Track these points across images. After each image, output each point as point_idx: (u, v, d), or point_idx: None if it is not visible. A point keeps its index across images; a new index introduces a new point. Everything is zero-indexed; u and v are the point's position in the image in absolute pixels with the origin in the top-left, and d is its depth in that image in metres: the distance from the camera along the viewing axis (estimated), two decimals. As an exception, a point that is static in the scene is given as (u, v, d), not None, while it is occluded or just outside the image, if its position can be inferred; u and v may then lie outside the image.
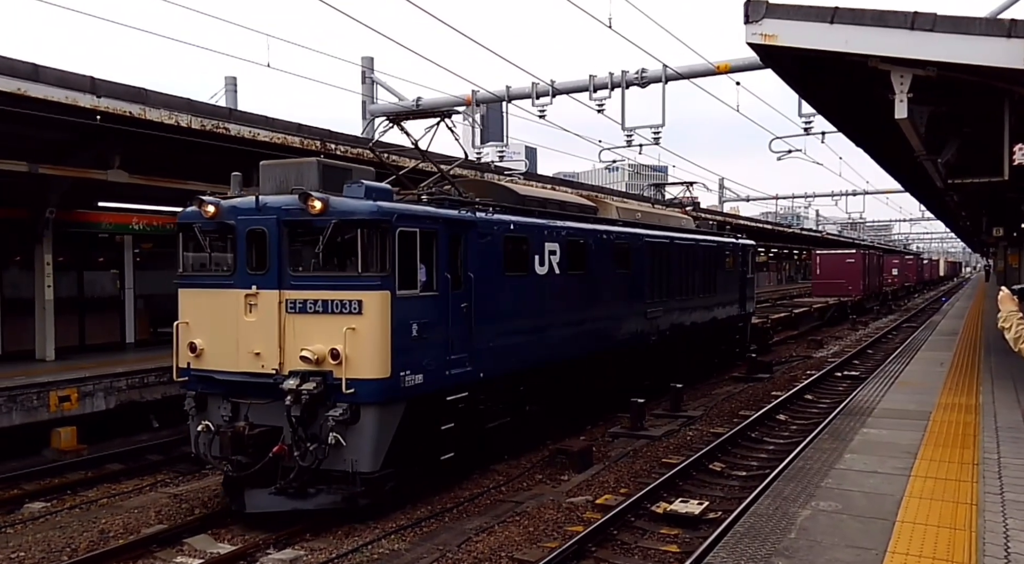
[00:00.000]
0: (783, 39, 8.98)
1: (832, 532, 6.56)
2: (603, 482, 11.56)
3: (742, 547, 6.23)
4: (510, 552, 8.75)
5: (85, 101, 12.99)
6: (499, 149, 30.03)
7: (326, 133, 18.66)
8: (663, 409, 16.57)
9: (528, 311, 12.66)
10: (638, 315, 16.71)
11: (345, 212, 9.51)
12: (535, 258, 12.82)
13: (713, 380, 21.30)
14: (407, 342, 9.80)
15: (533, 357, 12.86)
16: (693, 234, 20.39)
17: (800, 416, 16.26)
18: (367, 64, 24.89)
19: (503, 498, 10.93)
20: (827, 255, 47.50)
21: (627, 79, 20.21)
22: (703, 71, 19.83)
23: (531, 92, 21.36)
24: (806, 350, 28.94)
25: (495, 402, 11.98)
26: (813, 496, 7.55)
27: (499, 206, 12.42)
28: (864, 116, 12.64)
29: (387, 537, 9.34)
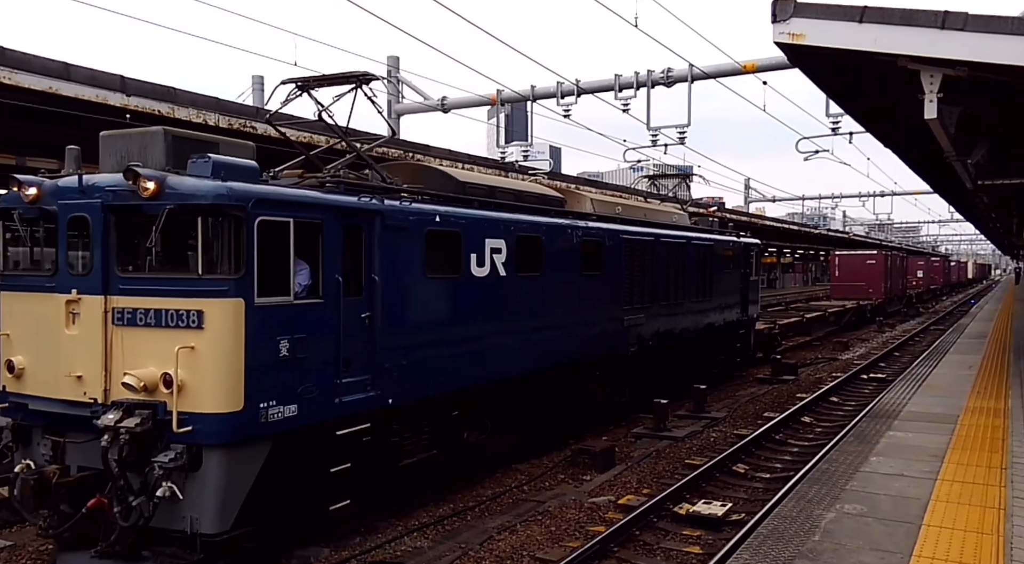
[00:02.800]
0: (811, 38, 8.91)
1: (857, 535, 6.51)
2: (625, 482, 11.54)
3: (765, 549, 6.21)
4: (532, 551, 8.77)
5: (115, 100, 13.17)
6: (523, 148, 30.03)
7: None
8: (686, 410, 16.49)
9: (461, 321, 10.58)
10: (612, 323, 14.51)
11: (183, 195, 7.44)
12: (471, 257, 10.66)
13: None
14: (271, 363, 7.75)
15: (469, 375, 10.76)
16: (685, 231, 18.15)
17: (825, 418, 16.12)
18: (393, 63, 24.99)
19: (525, 497, 10.94)
20: (846, 256, 45.39)
21: (653, 78, 20.14)
22: (729, 70, 19.71)
23: (556, 91, 21.34)
24: (831, 352, 28.68)
25: (416, 433, 10.02)
26: (838, 499, 7.51)
27: (427, 194, 10.45)
28: (892, 116, 12.51)
29: (409, 535, 9.39)
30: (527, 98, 22.21)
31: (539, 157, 33.70)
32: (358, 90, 9.65)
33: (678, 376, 17.50)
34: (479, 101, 23.85)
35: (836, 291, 43.74)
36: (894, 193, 54.47)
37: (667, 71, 20.10)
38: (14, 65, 11.98)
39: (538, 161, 30.28)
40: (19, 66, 12.02)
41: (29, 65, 12.19)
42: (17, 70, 11.93)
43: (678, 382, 17.26)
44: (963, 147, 11.49)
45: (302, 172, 9.46)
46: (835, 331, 35.44)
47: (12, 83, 11.99)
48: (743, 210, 55.37)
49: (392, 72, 24.92)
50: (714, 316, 19.51)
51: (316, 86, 9.69)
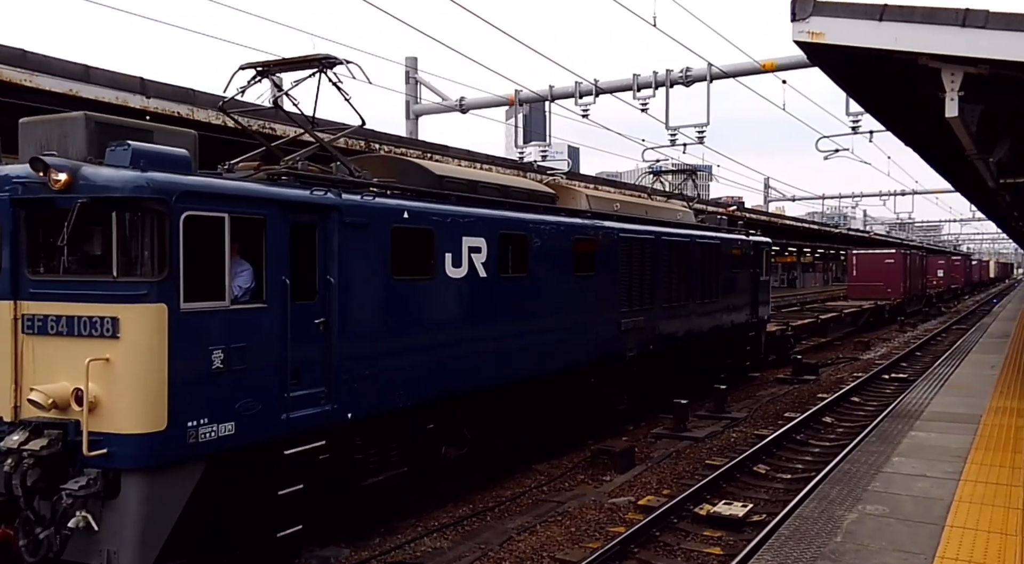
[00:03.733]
0: (831, 37, 8.87)
1: (879, 536, 6.48)
2: (645, 483, 11.53)
3: (787, 550, 6.19)
4: (552, 552, 8.79)
5: (135, 102, 13.29)
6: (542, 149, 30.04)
7: (370, 133, 18.87)
8: (707, 410, 16.45)
9: (434, 326, 9.76)
10: (607, 327, 13.58)
11: (97, 187, 6.66)
12: (445, 257, 9.82)
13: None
14: (201, 377, 6.98)
15: (445, 386, 9.93)
16: (689, 229, 17.21)
17: (846, 418, 16.02)
18: (411, 64, 25.09)
19: (544, 498, 10.96)
20: (864, 255, 44.32)
21: (671, 78, 20.09)
22: (748, 70, 19.63)
23: (574, 91, 21.33)
24: (852, 352, 28.49)
25: (382, 449, 9.29)
26: (860, 499, 7.47)
27: (397, 189, 9.69)
28: (913, 114, 12.42)
29: (429, 535, 9.43)
30: (545, 98, 22.23)
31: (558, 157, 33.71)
32: (321, 75, 8.83)
33: (683, 381, 16.63)
34: (497, 101, 23.90)
35: (853, 291, 42.78)
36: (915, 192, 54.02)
37: (686, 70, 20.05)
38: (35, 68, 12.09)
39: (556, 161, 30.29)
40: (40, 69, 12.17)
41: (50, 67, 12.34)
42: (37, 73, 12.09)
43: (683, 387, 16.34)
44: (985, 145, 11.39)
45: (258, 164, 8.69)
46: (852, 332, 34.70)
47: (33, 85, 12.12)
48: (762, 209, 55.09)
49: (410, 73, 25.02)
50: (721, 318, 18.60)
51: (277, 71, 8.90)
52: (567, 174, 26.50)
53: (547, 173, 24.35)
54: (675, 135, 21.28)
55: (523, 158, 26.36)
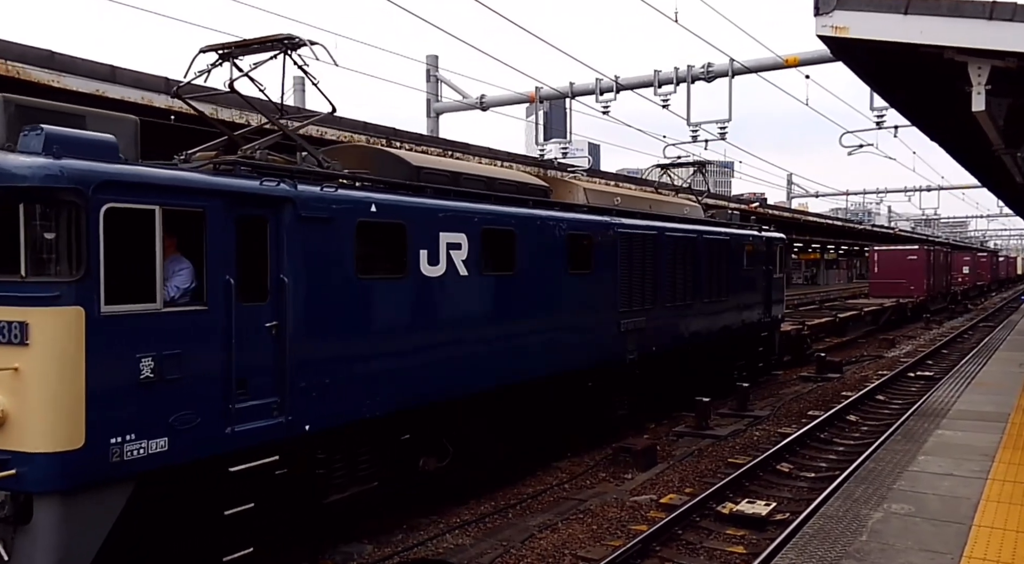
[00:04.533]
0: (855, 31, 8.79)
1: (905, 535, 6.42)
2: (667, 481, 11.48)
3: (811, 549, 6.14)
4: (574, 550, 8.78)
5: (160, 101, 13.42)
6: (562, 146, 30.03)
7: (391, 131, 18.95)
8: (729, 408, 16.36)
9: (407, 329, 9.04)
10: (605, 327, 12.81)
11: (3, 176, 6.03)
12: (420, 254, 9.12)
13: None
14: (126, 388, 6.31)
15: (421, 393, 9.22)
16: (696, 224, 16.30)
17: (871, 417, 15.87)
18: (432, 62, 25.15)
19: (566, 496, 10.95)
20: (886, 252, 42.89)
21: (693, 74, 20.01)
22: (771, 65, 19.50)
23: (595, 88, 21.29)
24: (877, 350, 28.21)
25: (349, 462, 8.57)
26: (885, 498, 7.40)
27: (366, 180, 9.04)
28: (939, 109, 12.27)
29: (451, 532, 9.46)
30: (566, 95, 22.20)
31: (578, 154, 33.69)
32: (285, 57, 8.22)
33: (689, 384, 15.86)
34: (518, 99, 23.90)
35: (875, 289, 41.64)
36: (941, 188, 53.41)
37: (707, 66, 19.96)
38: (62, 69, 12.25)
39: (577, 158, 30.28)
40: (67, 69, 12.32)
41: (76, 68, 12.49)
42: (65, 74, 12.24)
43: (689, 391, 15.62)
44: (1013, 139, 11.24)
45: (216, 154, 8.11)
46: (873, 331, 33.79)
47: (60, 86, 12.26)
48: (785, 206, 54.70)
49: (431, 71, 25.07)
50: (731, 317, 17.67)
51: (240, 54, 8.25)
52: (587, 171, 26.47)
53: (567, 170, 24.33)
54: (696, 131, 21.19)
55: (543, 155, 26.37)
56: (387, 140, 18.10)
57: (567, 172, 23.46)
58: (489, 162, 20.31)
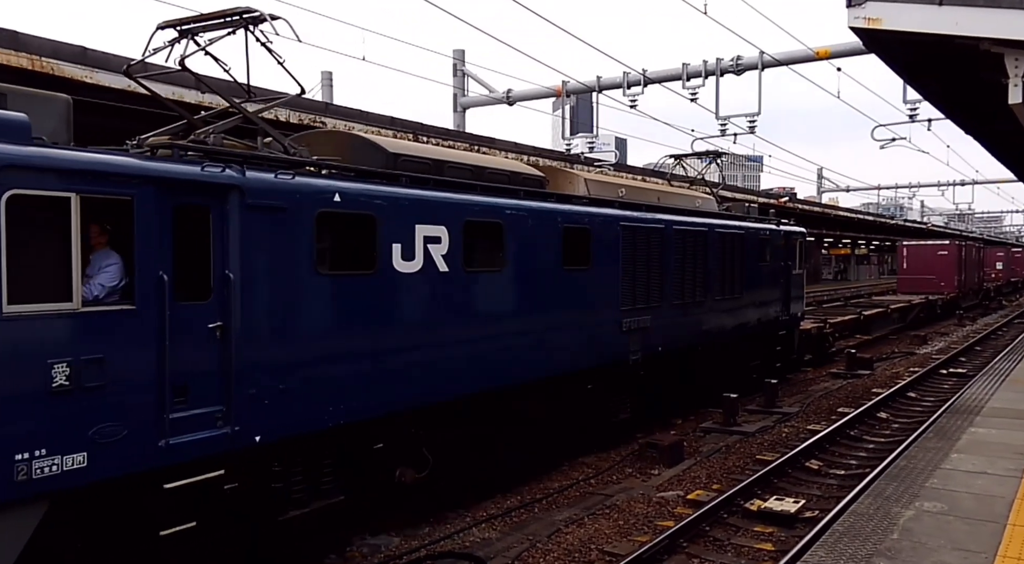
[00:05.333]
0: (888, 23, 8.66)
1: (937, 533, 6.33)
2: (694, 477, 11.42)
3: (841, 546, 6.08)
4: (600, 544, 8.76)
5: (190, 97, 13.57)
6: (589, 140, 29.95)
7: (418, 125, 19.02)
8: (757, 405, 16.24)
9: (377, 329, 8.26)
10: (606, 327, 12.05)
11: None
12: (392, 248, 8.38)
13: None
14: (36, 397, 5.70)
15: (394, 399, 8.50)
16: (708, 217, 15.39)
17: (902, 414, 15.66)
18: (458, 56, 25.18)
19: (592, 491, 10.93)
20: (915, 247, 41.64)
21: (722, 66, 19.87)
22: (802, 57, 19.30)
23: (622, 81, 21.22)
24: (908, 346, 27.84)
25: (310, 475, 7.86)
26: (917, 496, 7.30)
27: (333, 167, 8.28)
28: (974, 102, 12.07)
29: (477, 525, 9.48)
30: (593, 89, 22.14)
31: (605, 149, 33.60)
32: (247, 33, 7.67)
33: (699, 386, 15.22)
34: (544, 93, 23.86)
35: (903, 285, 40.50)
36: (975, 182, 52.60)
37: (737, 59, 19.79)
38: (95, 64, 12.43)
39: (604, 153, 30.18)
40: (99, 65, 12.50)
41: (108, 64, 12.66)
42: (97, 69, 12.42)
43: (700, 392, 15.20)
44: (1051, 132, 11.01)
45: (168, 138, 7.53)
46: (900, 329, 32.70)
47: (93, 82, 12.44)
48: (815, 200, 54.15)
49: (458, 66, 25.10)
50: (746, 315, 16.73)
51: (200, 30, 7.71)
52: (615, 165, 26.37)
53: (594, 165, 24.25)
54: (725, 125, 21.05)
55: (570, 150, 26.30)
56: (414, 135, 18.16)
57: (592, 167, 23.38)
58: (516, 157, 20.28)
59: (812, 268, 66.01)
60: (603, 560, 8.33)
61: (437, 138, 18.62)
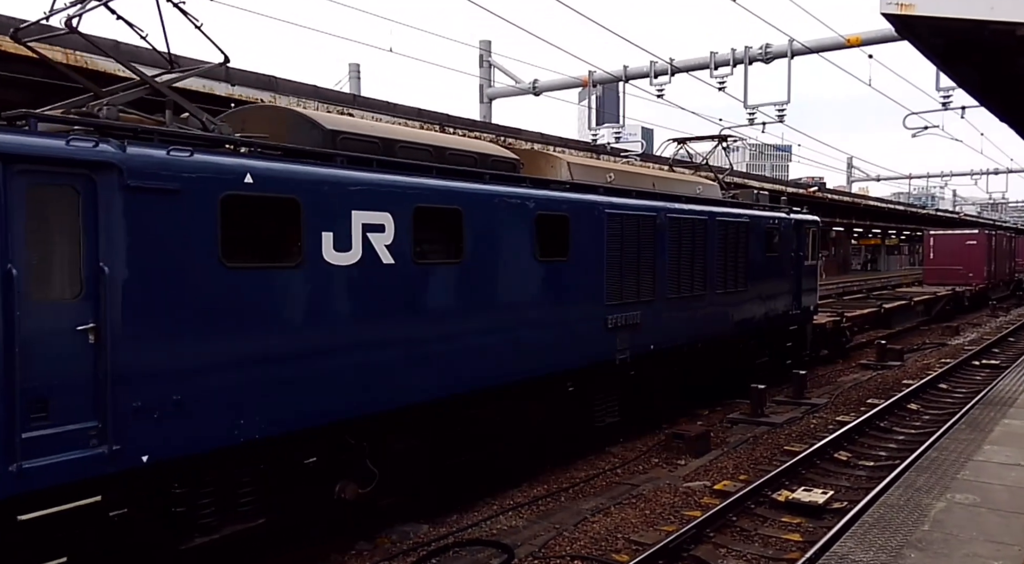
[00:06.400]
0: (921, 8, 8.51)
1: (969, 525, 6.27)
2: (721, 468, 11.39)
3: (871, 537, 6.04)
4: (626, 534, 8.78)
5: (221, 90, 13.72)
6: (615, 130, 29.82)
7: (444, 117, 19.06)
8: (785, 396, 16.13)
9: (299, 329, 7.24)
10: (588, 324, 11.04)
11: None
12: (323, 237, 7.39)
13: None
14: None
15: (326, 408, 7.49)
16: (709, 205, 14.26)
17: (933, 405, 15.49)
18: (485, 47, 25.17)
19: (619, 481, 10.94)
20: (942, 236, 40.03)
21: (750, 55, 19.69)
22: (832, 45, 19.06)
23: (649, 71, 21.11)
24: (940, 337, 27.48)
25: (223, 497, 6.93)
26: (948, 488, 7.24)
27: (246, 145, 7.25)
28: (1010, 88, 11.85)
29: (504, 514, 9.53)
30: (619, 79, 22.04)
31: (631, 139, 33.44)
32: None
33: (699, 385, 14.37)
34: (571, 83, 23.79)
35: (930, 276, 39.12)
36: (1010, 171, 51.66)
37: (766, 47, 19.60)
38: (127, 58, 12.59)
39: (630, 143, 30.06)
40: (131, 59, 12.66)
41: (140, 58, 12.83)
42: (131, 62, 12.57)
43: (699, 392, 14.41)
44: (1090, 119, 10.79)
45: (62, 113, 6.71)
46: (924, 322, 31.44)
47: (125, 76, 12.62)
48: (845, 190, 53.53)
49: (484, 56, 25.08)
50: (752, 310, 15.68)
51: None
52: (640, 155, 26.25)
53: (620, 155, 24.15)
54: (754, 114, 20.87)
55: (596, 140, 26.23)
56: (440, 126, 18.20)
57: (619, 157, 23.29)
58: (542, 147, 20.26)
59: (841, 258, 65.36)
60: (629, 549, 8.35)
61: (463, 129, 18.65)
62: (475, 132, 18.80)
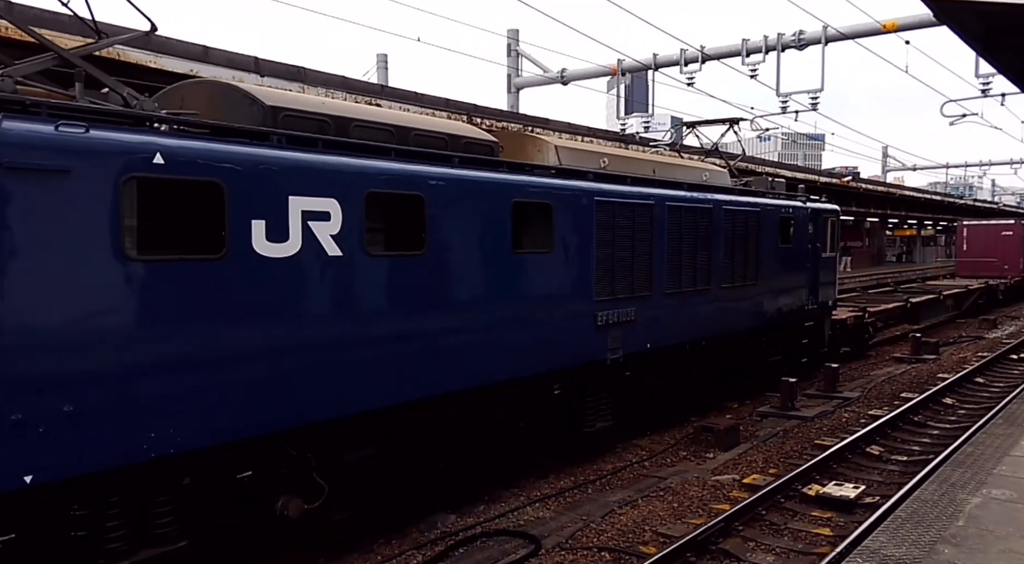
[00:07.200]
0: (960, -9, 8.30)
1: (1005, 521, 6.12)
2: (750, 461, 11.27)
3: (904, 532, 5.92)
4: (654, 526, 8.72)
5: (250, 80, 13.80)
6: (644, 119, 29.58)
7: (472, 107, 19.02)
8: (816, 389, 15.92)
9: (223, 327, 6.44)
10: (575, 321, 10.21)
11: None
12: (253, 225, 6.61)
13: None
14: None
15: (260, 418, 6.73)
16: (717, 193, 13.30)
17: (969, 400, 15.20)
18: (513, 36, 25.06)
19: (646, 473, 10.87)
20: (976, 227, 38.44)
21: (783, 42, 19.40)
22: (868, 30, 18.70)
23: (679, 59, 20.89)
24: (977, 330, 26.97)
25: (133, 518, 6.19)
26: (984, 483, 7.07)
27: (158, 120, 6.39)
28: (1053, 74, 11.53)
29: (532, 505, 9.51)
30: (649, 67, 21.84)
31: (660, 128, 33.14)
32: None
33: (704, 385, 13.63)
34: (599, 72, 23.62)
35: (963, 268, 37.72)
36: (1051, 159, 50.47)
37: (799, 33, 19.30)
38: (159, 50, 12.77)
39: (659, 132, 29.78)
40: (163, 51, 12.81)
41: (172, 49, 12.96)
42: (162, 54, 12.71)
43: (703, 393, 13.69)
44: None
45: None
46: (957, 316, 30.31)
47: (157, 66, 12.76)
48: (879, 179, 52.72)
49: (512, 45, 24.98)
50: (763, 305, 14.72)
51: None
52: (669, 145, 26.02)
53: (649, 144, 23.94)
54: (786, 102, 20.57)
55: (624, 129, 26.03)
56: (468, 116, 18.16)
57: (647, 147, 23.09)
58: (570, 137, 20.13)
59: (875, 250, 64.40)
60: (657, 541, 8.28)
61: (490, 119, 18.60)
62: (502, 122, 18.74)
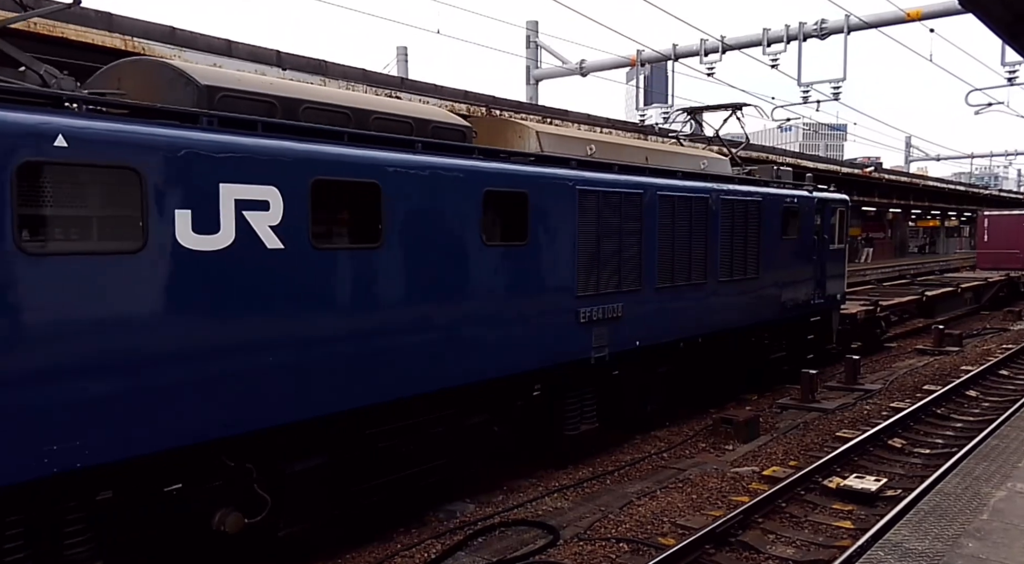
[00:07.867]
0: (986, -23, 8.16)
1: (1031, 517, 6.04)
2: (770, 453, 11.20)
3: (927, 525, 5.86)
4: (672, 517, 8.70)
5: (272, 74, 13.86)
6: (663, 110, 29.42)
7: (491, 99, 19.00)
8: (837, 382, 15.80)
9: (137, 329, 5.80)
10: (554, 317, 9.58)
11: None
12: (176, 215, 6.02)
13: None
14: None
15: (183, 426, 6.11)
16: (716, 181, 12.59)
17: (993, 392, 15.03)
18: (532, 28, 24.98)
19: (665, 465, 10.84)
20: (997, 217, 37.18)
21: (805, 31, 19.20)
22: (891, 19, 18.46)
23: (699, 49, 20.73)
24: (1002, 322, 26.65)
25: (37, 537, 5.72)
26: (1009, 477, 6.99)
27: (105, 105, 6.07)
28: (1081, 61, 11.32)
29: (550, 495, 9.52)
30: (668, 58, 21.69)
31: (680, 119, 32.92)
32: None
33: (699, 385, 13.07)
34: (618, 63, 23.50)
35: (983, 260, 36.55)
36: (1078, 149, 49.69)
37: (821, 22, 19.08)
38: (183, 44, 12.83)
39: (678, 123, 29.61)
40: (187, 44, 12.89)
41: (195, 43, 13.03)
42: (185, 48, 12.79)
43: (699, 392, 13.18)
44: None
45: None
46: (973, 311, 29.39)
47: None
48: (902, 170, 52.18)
49: (531, 37, 24.90)
50: (765, 299, 14.04)
51: None
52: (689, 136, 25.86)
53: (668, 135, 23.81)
54: (808, 92, 20.36)
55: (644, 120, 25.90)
56: (487, 108, 18.14)
57: (667, 138, 22.96)
58: (588, 129, 20.04)
59: (898, 241, 63.76)
60: (676, 533, 8.26)
61: (509, 111, 18.56)
62: (520, 113, 18.69)
